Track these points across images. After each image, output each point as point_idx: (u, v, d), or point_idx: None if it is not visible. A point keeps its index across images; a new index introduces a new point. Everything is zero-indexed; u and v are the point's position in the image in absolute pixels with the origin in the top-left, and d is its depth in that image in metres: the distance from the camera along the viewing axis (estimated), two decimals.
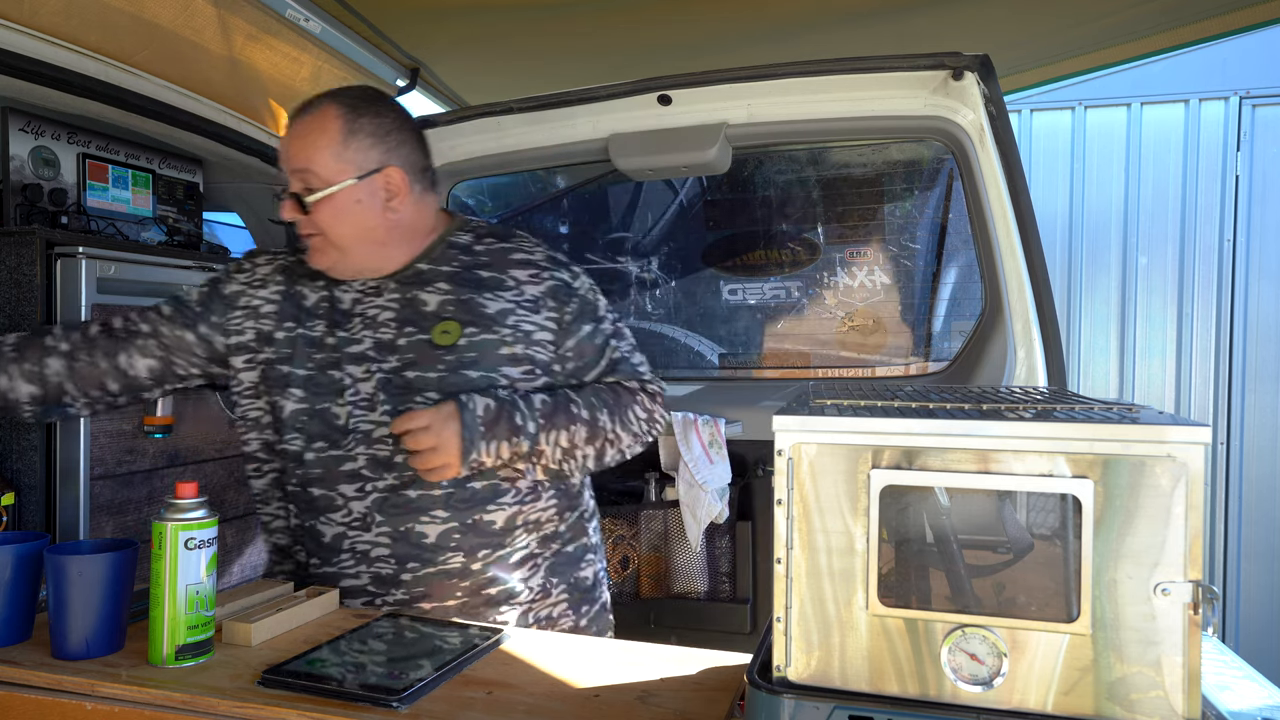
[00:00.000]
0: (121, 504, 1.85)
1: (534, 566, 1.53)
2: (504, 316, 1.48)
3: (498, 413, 1.40)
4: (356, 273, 1.50)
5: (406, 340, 1.47)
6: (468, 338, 1.46)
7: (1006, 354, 2.14)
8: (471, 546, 1.45)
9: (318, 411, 1.47)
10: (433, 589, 1.45)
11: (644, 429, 1.57)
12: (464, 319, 1.47)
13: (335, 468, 1.46)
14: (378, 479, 1.45)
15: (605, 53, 2.83)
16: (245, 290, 1.56)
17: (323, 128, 1.44)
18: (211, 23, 2.07)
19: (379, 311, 1.49)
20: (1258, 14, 2.47)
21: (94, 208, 2.13)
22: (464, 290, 1.49)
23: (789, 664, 0.88)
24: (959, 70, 1.94)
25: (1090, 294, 4.21)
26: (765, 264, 2.81)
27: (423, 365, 1.45)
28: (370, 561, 1.45)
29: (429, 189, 1.55)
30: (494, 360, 1.46)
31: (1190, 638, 0.79)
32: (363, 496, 1.45)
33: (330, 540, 1.46)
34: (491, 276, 1.51)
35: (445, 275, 1.51)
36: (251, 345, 1.53)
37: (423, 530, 1.44)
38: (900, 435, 0.85)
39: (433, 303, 1.49)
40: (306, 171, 1.44)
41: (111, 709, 1.05)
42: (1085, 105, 4.17)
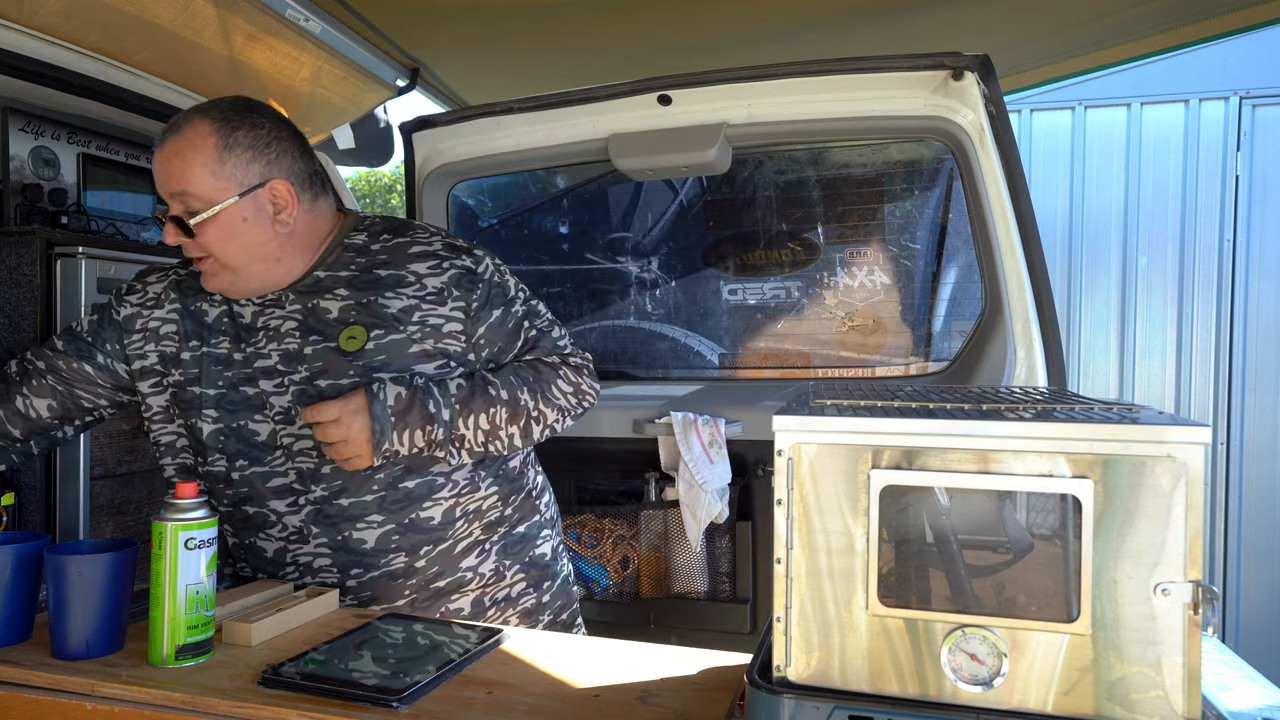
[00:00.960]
0: (121, 504, 1.85)
1: (482, 553, 1.52)
2: (409, 314, 1.44)
3: (409, 401, 1.38)
4: (254, 292, 1.46)
5: (313, 349, 1.43)
6: (374, 340, 1.42)
7: (1006, 354, 2.14)
8: (412, 545, 1.45)
9: (234, 430, 1.45)
10: (379, 591, 1.45)
11: (571, 402, 1.54)
12: (368, 322, 1.43)
13: (262, 484, 1.45)
14: (307, 491, 1.44)
15: (605, 53, 2.83)
16: (139, 312, 1.52)
17: (196, 146, 1.37)
18: (211, 23, 2.07)
19: (281, 322, 1.45)
20: (1258, 14, 2.47)
21: (94, 208, 2.13)
22: (365, 293, 1.45)
23: (789, 664, 0.88)
24: (959, 70, 1.94)
25: (1090, 294, 4.21)
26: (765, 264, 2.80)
27: (333, 373, 1.42)
28: (314, 572, 1.45)
29: (321, 194, 1.49)
30: (405, 360, 1.43)
31: (1190, 638, 0.79)
32: (296, 510, 1.44)
33: (273, 555, 1.46)
34: (390, 274, 1.47)
35: (344, 280, 1.46)
36: (157, 369, 1.50)
37: (360, 536, 1.43)
38: (900, 435, 0.85)
39: (335, 309, 1.45)
40: (185, 194, 1.37)
41: (111, 709, 1.05)
42: (1085, 105, 4.17)
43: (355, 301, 1.45)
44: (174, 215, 1.39)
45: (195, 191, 1.37)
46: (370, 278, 1.47)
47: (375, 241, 1.51)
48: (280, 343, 1.44)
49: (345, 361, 1.42)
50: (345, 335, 1.43)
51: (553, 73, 2.92)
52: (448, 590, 1.49)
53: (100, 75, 1.97)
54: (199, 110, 1.41)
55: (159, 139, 1.40)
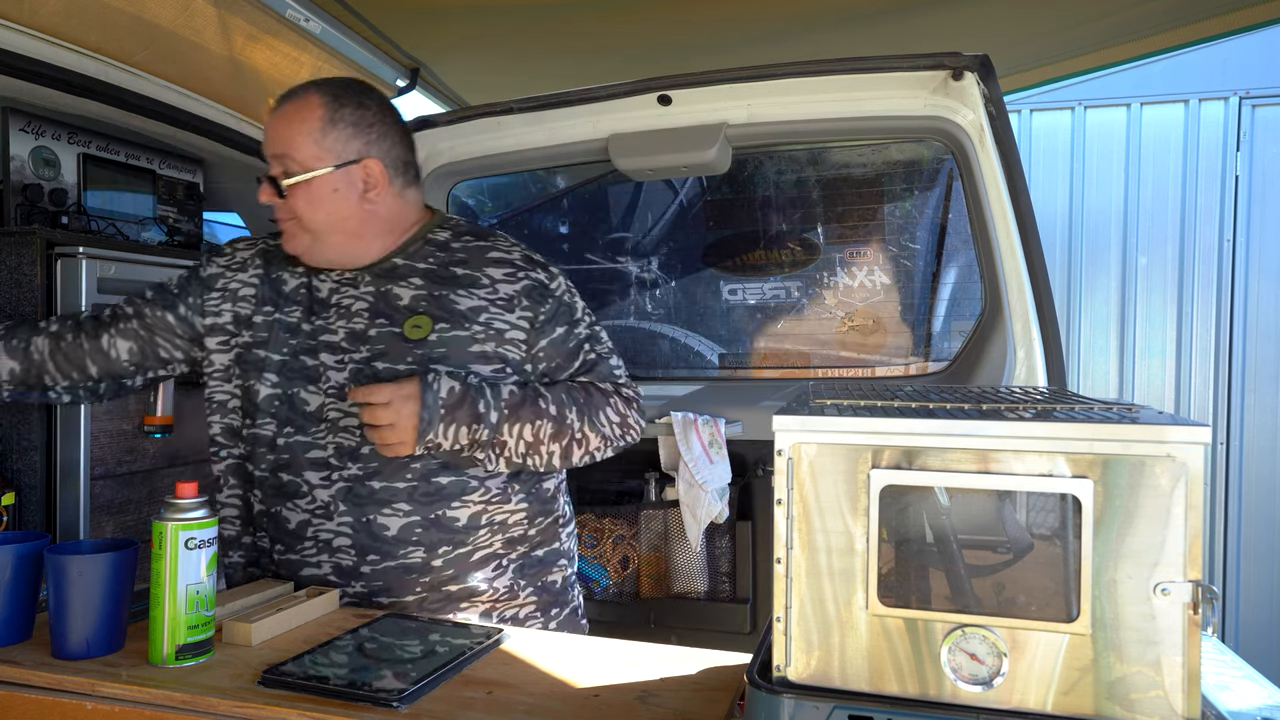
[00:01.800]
0: (121, 504, 1.85)
1: (499, 567, 1.51)
2: (476, 314, 1.48)
3: (461, 397, 1.39)
4: (329, 262, 1.51)
5: (378, 331, 1.47)
6: (438, 333, 1.46)
7: (1006, 354, 2.14)
8: (433, 542, 1.45)
9: (289, 396, 1.48)
10: (392, 583, 1.44)
11: (616, 432, 1.55)
12: (436, 314, 1.47)
13: (302, 454, 1.46)
14: (343, 467, 1.45)
15: (605, 53, 2.83)
16: (224, 273, 1.57)
17: (304, 115, 1.45)
18: (211, 23, 2.07)
19: (353, 302, 1.50)
20: (1258, 14, 2.47)
21: (94, 208, 2.13)
22: (438, 286, 1.50)
23: (789, 664, 0.88)
24: (959, 70, 1.94)
25: (1090, 294, 4.21)
26: (765, 264, 2.81)
27: (392, 357, 1.45)
28: (332, 550, 1.44)
29: (411, 184, 1.55)
30: (464, 356, 1.46)
31: (1190, 638, 0.79)
32: (328, 485, 1.45)
33: (295, 527, 1.46)
34: (466, 274, 1.51)
35: (420, 271, 1.51)
36: (228, 328, 1.54)
37: (384, 522, 1.43)
38: (900, 435, 0.85)
39: (406, 297, 1.49)
40: (285, 156, 1.44)
41: (111, 709, 1.05)
42: (1085, 105, 4.17)
43: (428, 293, 1.49)
44: (271, 175, 1.46)
45: (295, 156, 1.44)
46: (446, 274, 1.51)
47: (457, 241, 1.56)
48: (349, 321, 1.49)
49: (406, 348, 1.45)
50: (411, 323, 1.47)
51: (553, 73, 2.92)
52: (458, 596, 1.48)
53: (100, 75, 1.97)
54: (315, 84, 1.49)
55: (274, 104, 1.49)
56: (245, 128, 2.44)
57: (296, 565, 1.46)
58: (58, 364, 1.52)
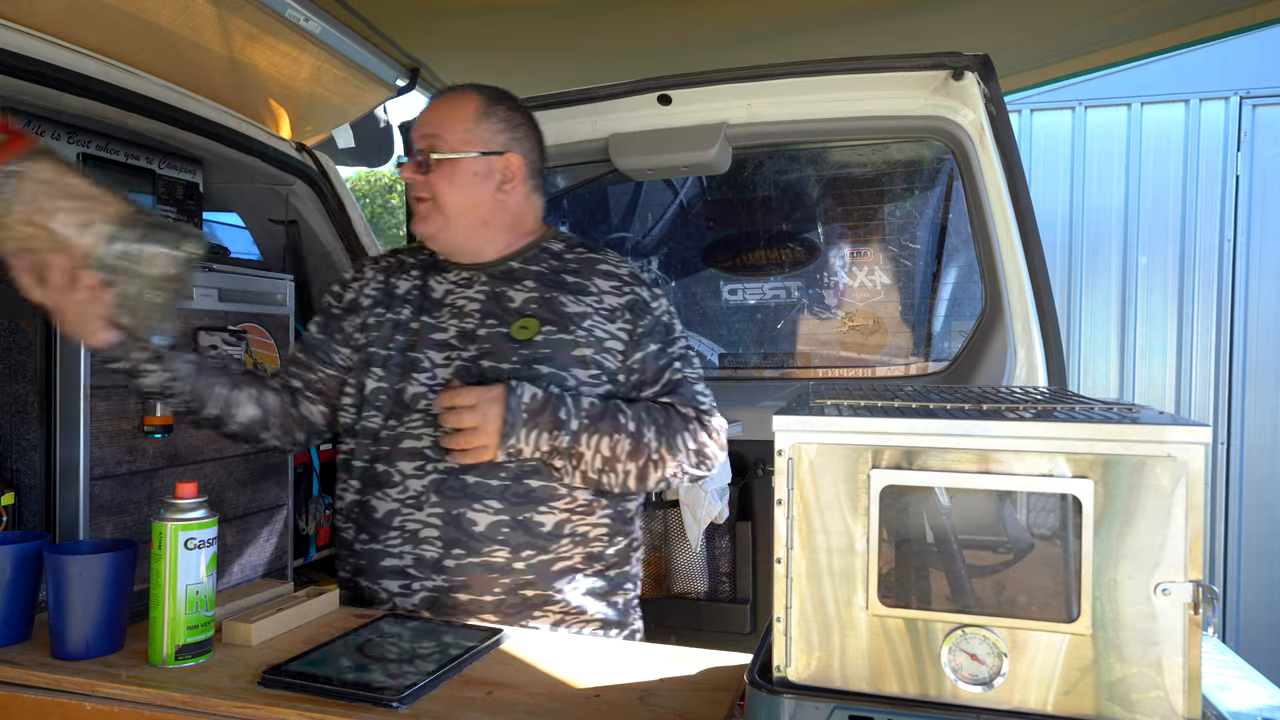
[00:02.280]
0: (121, 504, 1.85)
1: (574, 581, 1.50)
2: (581, 319, 1.53)
3: (544, 403, 1.42)
4: (454, 248, 1.58)
5: (487, 331, 1.52)
6: (544, 334, 1.51)
7: (1006, 354, 2.14)
8: (518, 543, 1.46)
9: (395, 391, 1.53)
10: (473, 579, 1.45)
11: (691, 460, 1.53)
12: (543, 316, 1.53)
13: (399, 444, 1.49)
14: (439, 460, 1.47)
15: (605, 53, 2.83)
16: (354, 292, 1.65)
17: (460, 104, 1.57)
18: (211, 23, 2.07)
19: (467, 303, 1.56)
20: (1258, 14, 2.47)
21: None
22: (548, 290, 1.56)
23: (789, 664, 0.88)
24: (959, 70, 1.94)
25: (1090, 294, 4.21)
26: (765, 264, 2.80)
27: (498, 356, 1.50)
28: (417, 541, 1.46)
29: (538, 191, 1.65)
30: (566, 359, 1.50)
31: (1190, 638, 0.79)
32: (421, 475, 1.47)
33: (382, 516, 1.49)
34: (576, 282, 1.58)
35: (533, 274, 1.58)
36: (356, 337, 1.61)
37: (474, 518, 1.45)
38: (900, 435, 0.85)
39: (518, 299, 1.55)
40: (436, 137, 1.54)
41: (111, 709, 1.05)
42: (1085, 105, 4.17)
43: (539, 296, 1.55)
44: (419, 151, 1.55)
45: (445, 136, 1.54)
46: (557, 279, 1.58)
47: (570, 252, 1.63)
48: (461, 320, 1.54)
49: (512, 348, 1.50)
50: (518, 324, 1.53)
51: (553, 73, 2.92)
52: (534, 603, 1.47)
53: (100, 75, 1.97)
54: (474, 85, 1.62)
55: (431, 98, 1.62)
56: (245, 128, 2.43)
57: (378, 555, 1.48)
58: (280, 423, 1.61)
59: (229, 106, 2.39)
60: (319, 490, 2.65)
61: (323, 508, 2.63)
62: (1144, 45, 2.78)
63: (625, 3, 2.40)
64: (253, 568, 2.20)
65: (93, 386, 1.77)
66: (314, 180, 2.66)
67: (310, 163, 2.67)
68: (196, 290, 2.00)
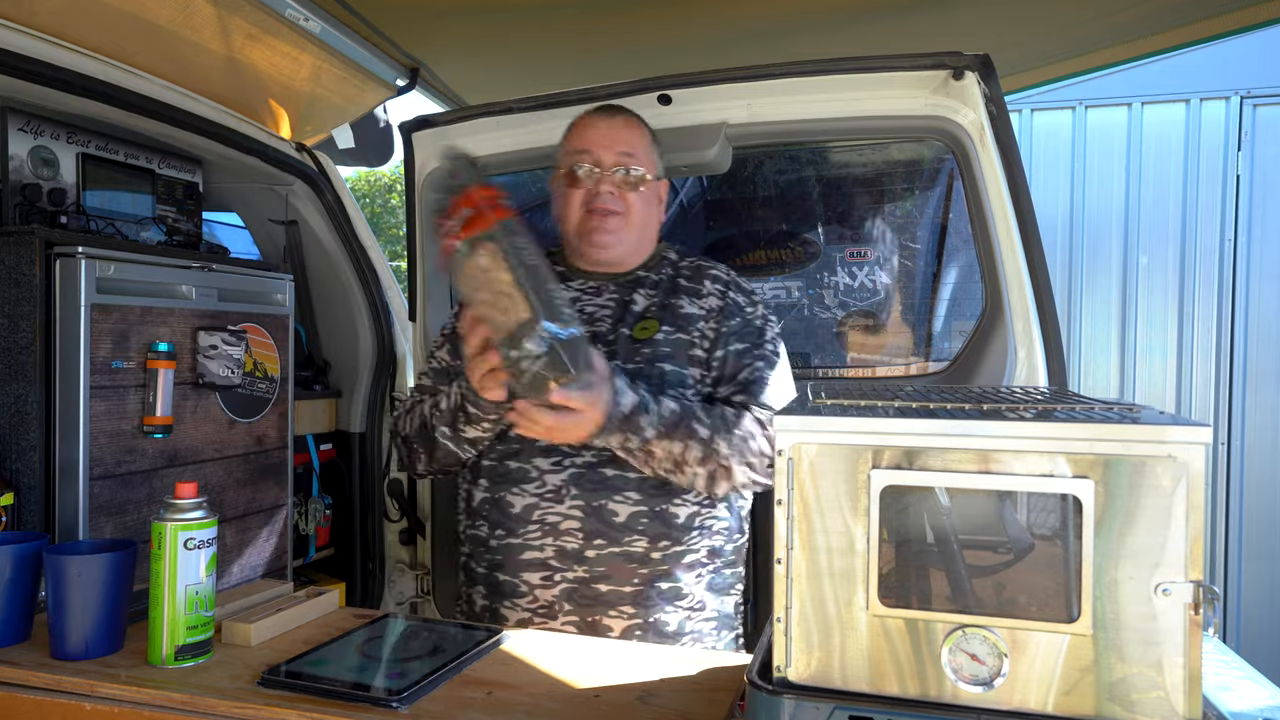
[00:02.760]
0: (121, 504, 1.85)
1: (699, 576, 1.56)
2: (695, 320, 1.61)
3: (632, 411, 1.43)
4: (616, 260, 1.67)
5: (615, 335, 1.60)
6: (664, 334, 1.59)
7: (1006, 354, 2.13)
8: (655, 534, 1.51)
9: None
10: (612, 569, 1.49)
11: (764, 467, 1.54)
12: (663, 318, 1.61)
13: (531, 442, 1.51)
14: (575, 454, 1.51)
15: (605, 53, 2.83)
16: None
17: (639, 127, 1.69)
18: (211, 23, 2.06)
19: (597, 309, 1.64)
20: (1258, 14, 2.46)
21: (93, 208, 2.13)
22: (669, 296, 1.65)
23: (789, 664, 0.88)
24: (959, 70, 1.94)
25: (1090, 294, 4.21)
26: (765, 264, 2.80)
27: (622, 355, 1.56)
28: (558, 534, 1.50)
29: None
30: (683, 359, 1.58)
31: (1191, 638, 0.79)
32: (559, 470, 1.51)
33: (520, 511, 1.53)
34: (689, 286, 1.67)
35: (654, 282, 1.68)
36: None
37: (614, 509, 1.49)
38: (900, 435, 0.85)
39: (641, 304, 1.64)
40: (633, 155, 1.63)
41: (111, 709, 1.04)
42: (1085, 105, 4.16)
43: (660, 302, 1.65)
44: (614, 168, 1.62)
45: (641, 156, 1.65)
46: (674, 285, 1.68)
47: (683, 261, 1.74)
48: (592, 325, 1.61)
49: (634, 348, 1.58)
50: (640, 325, 1.61)
51: (553, 73, 2.92)
52: (669, 595, 1.53)
53: (100, 75, 1.96)
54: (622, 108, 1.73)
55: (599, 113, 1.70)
56: (245, 128, 2.43)
57: (517, 549, 1.52)
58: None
59: (229, 106, 2.39)
60: (319, 490, 2.65)
61: (323, 507, 2.63)
62: (1144, 45, 2.78)
63: (625, 3, 2.40)
64: (253, 568, 2.20)
65: (93, 387, 1.77)
66: (314, 180, 2.65)
67: (310, 163, 2.67)
68: (196, 290, 2.00)
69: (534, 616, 1.52)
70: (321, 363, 2.81)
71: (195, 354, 1.99)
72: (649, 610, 1.50)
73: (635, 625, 1.51)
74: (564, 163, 1.68)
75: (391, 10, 2.35)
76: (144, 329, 1.87)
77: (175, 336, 1.93)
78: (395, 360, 2.79)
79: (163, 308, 1.92)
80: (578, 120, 1.71)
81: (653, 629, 1.52)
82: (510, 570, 1.53)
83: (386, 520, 2.78)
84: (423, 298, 2.49)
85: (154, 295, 1.90)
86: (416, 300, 2.50)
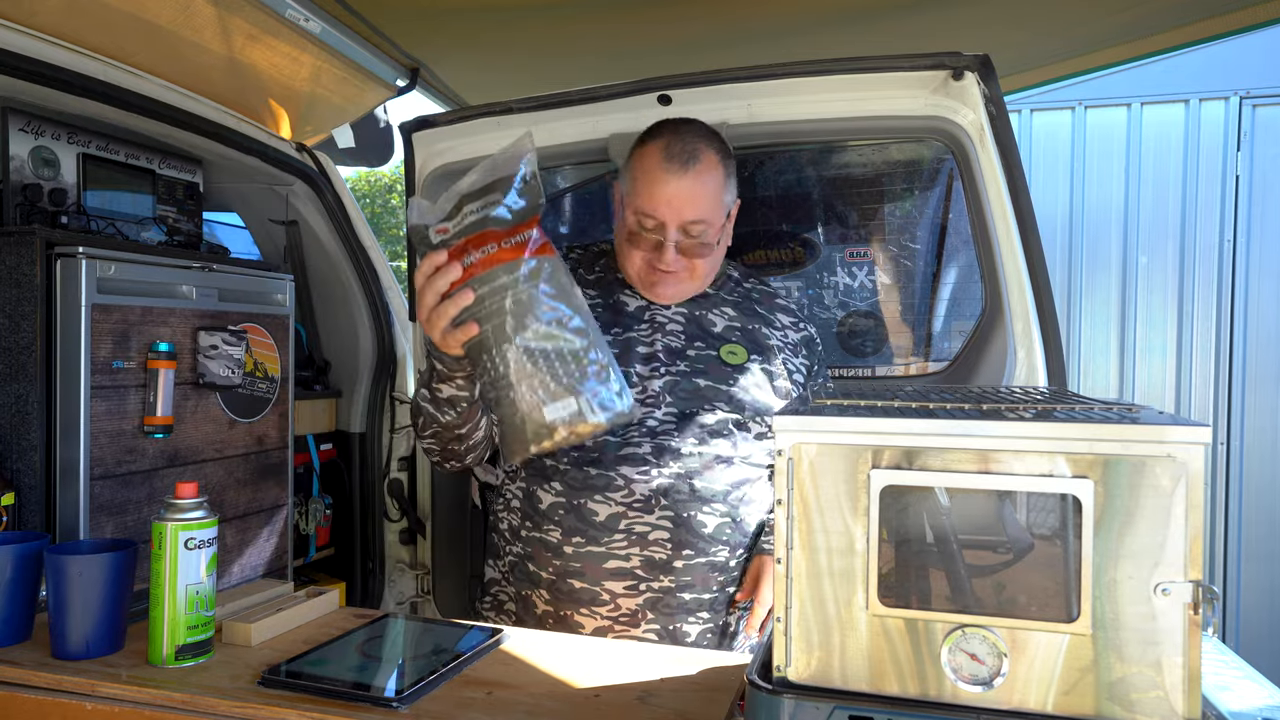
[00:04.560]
0: (121, 504, 1.85)
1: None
2: (778, 352, 1.62)
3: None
4: (677, 299, 1.62)
5: (696, 352, 1.58)
6: (754, 363, 1.59)
7: (1006, 354, 2.14)
8: (735, 543, 1.54)
9: None
10: (697, 579, 1.50)
11: None
12: (749, 345, 1.61)
13: (615, 453, 1.51)
14: (661, 464, 1.50)
15: (605, 53, 2.83)
16: None
17: (712, 177, 1.53)
18: (211, 23, 2.06)
19: (667, 321, 1.61)
20: (1258, 14, 2.47)
21: (94, 208, 2.13)
22: (748, 320, 1.64)
23: (789, 664, 0.88)
24: (959, 70, 1.94)
25: (1090, 294, 4.21)
26: (765, 264, 2.80)
27: (714, 377, 1.56)
28: (646, 544, 1.49)
29: None
30: (770, 390, 1.58)
31: (1190, 638, 0.79)
32: (647, 480, 1.50)
33: (605, 519, 1.51)
34: (765, 314, 1.66)
35: (728, 302, 1.65)
36: None
37: (703, 520, 1.50)
38: (900, 435, 0.85)
39: (720, 324, 1.62)
40: (703, 222, 1.52)
41: (111, 709, 1.05)
42: (1085, 105, 4.16)
43: (741, 326, 1.63)
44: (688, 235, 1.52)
45: (711, 221, 1.53)
46: (750, 307, 1.66)
47: (746, 281, 1.72)
48: (664, 336, 1.59)
49: (726, 371, 1.57)
50: (726, 349, 1.59)
51: (553, 73, 2.92)
52: (732, 599, 1.55)
53: (100, 75, 1.96)
54: (703, 138, 1.55)
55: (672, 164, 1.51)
56: (245, 128, 2.43)
57: (600, 558, 1.50)
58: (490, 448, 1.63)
59: (229, 107, 2.39)
60: (319, 490, 2.65)
61: (323, 507, 2.63)
62: (1144, 45, 2.78)
63: (625, 3, 2.40)
64: (253, 568, 2.20)
65: (93, 386, 1.77)
66: (314, 180, 2.66)
67: (310, 163, 2.67)
68: (196, 290, 2.00)
69: (614, 624, 1.51)
70: (322, 363, 2.81)
71: (196, 354, 1.99)
72: (719, 614, 1.53)
73: (708, 629, 1.53)
74: (629, 209, 1.56)
75: (391, 10, 2.35)
76: (144, 329, 1.87)
77: (176, 336, 1.93)
78: (395, 360, 2.79)
79: (163, 308, 1.92)
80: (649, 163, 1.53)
81: (722, 631, 1.55)
82: (591, 578, 1.51)
83: (386, 520, 2.78)
84: None
85: (154, 295, 1.90)
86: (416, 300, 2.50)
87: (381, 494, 2.74)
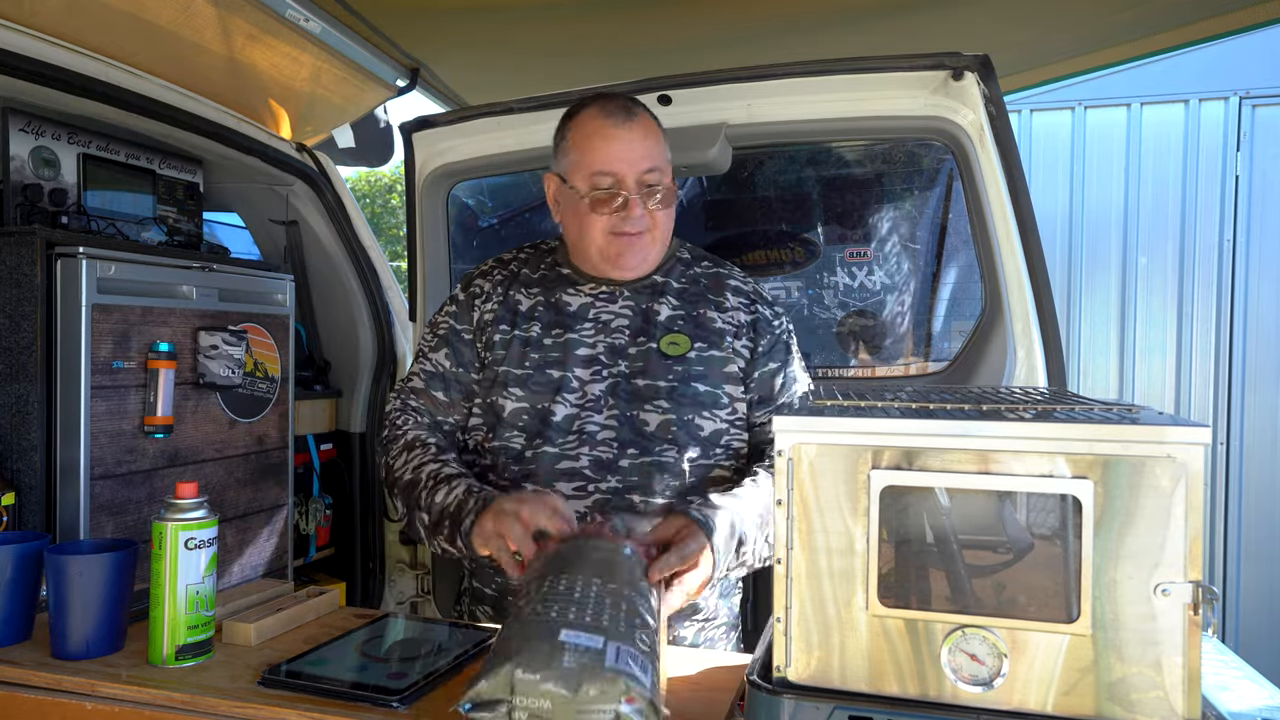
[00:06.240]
0: (121, 504, 1.85)
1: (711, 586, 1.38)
2: (724, 335, 1.53)
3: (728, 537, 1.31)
4: (645, 270, 1.56)
5: (637, 349, 1.51)
6: (696, 351, 1.51)
7: (1006, 354, 2.14)
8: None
9: (537, 410, 1.49)
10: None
11: None
12: (692, 333, 1.52)
13: (552, 465, 1.45)
14: (600, 480, 1.44)
15: (605, 53, 2.83)
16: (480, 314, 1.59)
17: (655, 129, 1.51)
18: (211, 23, 2.07)
19: (613, 318, 1.54)
20: (1258, 14, 2.47)
21: (94, 208, 2.13)
22: (694, 306, 1.55)
23: (789, 664, 0.88)
24: (959, 70, 1.94)
25: (1090, 294, 4.21)
26: (765, 264, 2.80)
27: (652, 374, 1.48)
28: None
29: None
30: (719, 377, 1.50)
31: (1190, 638, 0.79)
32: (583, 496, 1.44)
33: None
34: (713, 298, 1.57)
35: (675, 290, 1.57)
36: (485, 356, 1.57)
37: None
38: (900, 435, 0.85)
39: (664, 314, 1.54)
40: (659, 169, 1.49)
41: (111, 709, 1.05)
42: (1085, 105, 4.16)
43: (685, 312, 1.55)
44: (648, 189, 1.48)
45: (663, 166, 1.51)
46: (698, 291, 1.57)
47: (697, 265, 1.63)
48: (608, 335, 1.52)
49: (665, 365, 1.49)
50: (667, 340, 1.51)
51: (553, 73, 2.92)
52: (686, 613, 1.53)
53: (100, 75, 1.96)
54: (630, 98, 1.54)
55: (613, 119, 1.48)
56: (245, 128, 2.43)
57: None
58: None
59: (229, 107, 2.39)
60: (319, 490, 2.65)
61: (323, 507, 2.63)
62: (1144, 45, 2.78)
63: (625, 3, 2.40)
64: (253, 568, 2.20)
65: (94, 387, 1.77)
66: (314, 180, 2.66)
67: (310, 163, 2.67)
68: (196, 290, 2.00)
69: None
70: (322, 363, 2.81)
71: (196, 354, 1.99)
72: (670, 629, 1.46)
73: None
74: (579, 179, 1.48)
75: (391, 10, 2.35)
76: (145, 329, 1.87)
77: (176, 336, 1.93)
78: (395, 360, 2.80)
79: (163, 308, 1.92)
80: (589, 127, 1.49)
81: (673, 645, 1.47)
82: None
83: (387, 520, 2.78)
84: (423, 298, 2.49)
85: (155, 295, 1.90)
86: (416, 300, 2.50)
87: (381, 494, 2.74)
